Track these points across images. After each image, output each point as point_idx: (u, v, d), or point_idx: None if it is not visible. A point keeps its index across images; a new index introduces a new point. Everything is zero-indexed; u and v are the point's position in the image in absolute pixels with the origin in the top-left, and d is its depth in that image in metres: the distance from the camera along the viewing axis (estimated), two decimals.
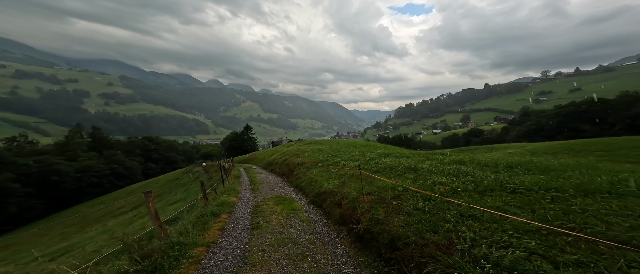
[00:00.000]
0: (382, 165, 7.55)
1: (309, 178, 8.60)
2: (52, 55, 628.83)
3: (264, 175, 14.58)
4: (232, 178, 12.83)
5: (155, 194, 25.06)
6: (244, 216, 6.12)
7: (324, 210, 5.99)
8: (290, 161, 13.61)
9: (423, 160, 7.59)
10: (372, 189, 5.17)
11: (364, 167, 7.55)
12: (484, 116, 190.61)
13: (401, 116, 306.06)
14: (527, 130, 41.64)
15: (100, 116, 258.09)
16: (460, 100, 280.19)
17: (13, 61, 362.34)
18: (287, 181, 10.96)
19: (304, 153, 15.29)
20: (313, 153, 14.01)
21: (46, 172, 32.18)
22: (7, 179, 26.20)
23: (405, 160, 7.92)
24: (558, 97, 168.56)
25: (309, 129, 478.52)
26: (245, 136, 57.79)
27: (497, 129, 68.92)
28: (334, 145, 17.70)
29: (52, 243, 15.03)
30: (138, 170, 51.51)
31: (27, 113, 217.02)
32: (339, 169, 8.37)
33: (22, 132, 43.96)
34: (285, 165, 13.89)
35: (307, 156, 13.50)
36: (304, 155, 14.37)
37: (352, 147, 15.12)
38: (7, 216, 25.29)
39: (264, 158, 23.44)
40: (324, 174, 8.37)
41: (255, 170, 18.29)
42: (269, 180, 12.14)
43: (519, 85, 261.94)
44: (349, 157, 10.58)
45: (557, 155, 13.82)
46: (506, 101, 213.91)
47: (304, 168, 10.59)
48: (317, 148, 16.14)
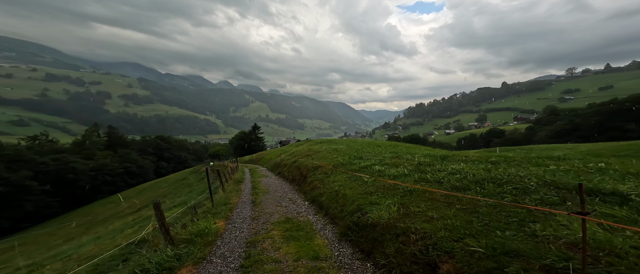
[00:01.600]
0: (456, 175, 5.02)
1: (331, 190, 6.40)
2: (78, 59, 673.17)
3: (270, 179, 12.65)
4: (232, 183, 11.56)
5: (162, 194, 24.96)
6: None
7: (382, 267, 3.16)
8: (301, 164, 11.63)
9: (510, 162, 5.58)
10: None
11: (426, 178, 5.32)
12: (501, 116, 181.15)
13: (411, 116, 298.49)
14: (560, 130, 38.18)
15: (121, 116, 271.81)
16: (475, 100, 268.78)
17: (44, 65, 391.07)
18: (298, 191, 8.78)
19: (316, 153, 13.27)
20: (328, 154, 11.94)
21: (63, 170, 33.33)
22: (25, 177, 27.22)
23: (481, 165, 5.53)
24: (585, 95, 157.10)
25: (316, 129, 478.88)
26: (253, 135, 57.74)
27: (520, 129, 64.76)
28: (352, 145, 15.30)
29: (52, 246, 14.89)
30: (150, 169, 52.71)
31: (56, 113, 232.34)
32: (375, 179, 6.02)
33: (43, 131, 46.16)
34: (296, 168, 11.81)
35: (321, 157, 11.46)
36: (317, 156, 12.37)
37: (375, 147, 12.78)
38: (24, 214, 26.22)
39: (271, 159, 22.03)
40: (354, 185, 6.06)
41: (261, 172, 16.57)
42: (275, 187, 10.06)
43: (540, 83, 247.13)
44: (380, 160, 8.21)
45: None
46: (526, 100, 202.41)
47: (321, 174, 8.39)
48: (333, 148, 13.94)
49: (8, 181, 25.10)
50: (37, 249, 15.72)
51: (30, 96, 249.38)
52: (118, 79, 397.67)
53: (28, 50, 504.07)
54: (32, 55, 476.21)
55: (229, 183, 11.38)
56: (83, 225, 20.35)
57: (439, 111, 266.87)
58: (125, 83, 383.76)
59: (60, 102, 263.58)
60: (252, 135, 57.77)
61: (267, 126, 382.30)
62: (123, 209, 23.41)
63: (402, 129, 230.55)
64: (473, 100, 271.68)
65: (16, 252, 14.83)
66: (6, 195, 24.63)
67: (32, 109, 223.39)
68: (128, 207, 22.62)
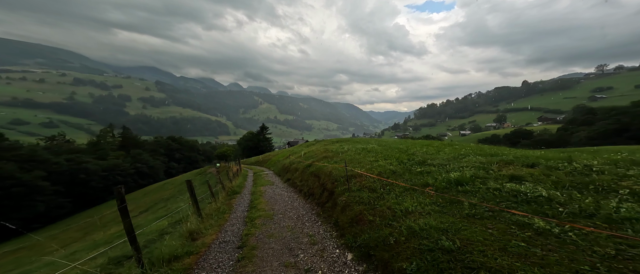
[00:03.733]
0: None
1: (409, 230, 3.12)
2: (102, 64, 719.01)
3: (277, 190, 9.53)
4: (224, 196, 9.12)
5: (165, 197, 24.22)
6: None
7: None
8: (320, 170, 8.07)
9: None
10: None
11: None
12: (523, 116, 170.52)
13: (423, 116, 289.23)
14: (604, 130, 34.07)
15: (139, 118, 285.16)
16: (493, 99, 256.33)
17: (72, 70, 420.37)
18: (323, 219, 5.25)
19: (337, 155, 10.18)
20: (358, 156, 8.66)
21: (75, 170, 33.82)
22: (38, 177, 27.58)
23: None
24: (620, 93, 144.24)
25: (324, 130, 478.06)
26: (261, 136, 56.99)
27: (550, 130, 59.80)
28: (386, 144, 11.80)
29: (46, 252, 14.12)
30: (161, 170, 53.24)
31: (82, 116, 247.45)
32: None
33: (61, 132, 47.83)
34: (312, 176, 8.35)
35: (350, 161, 8.02)
36: (339, 158, 9.30)
37: (424, 146, 9.26)
38: (36, 215, 26.42)
39: (278, 161, 19.97)
40: (476, 229, 2.81)
41: (266, 177, 13.96)
42: (283, 206, 6.78)
43: (567, 81, 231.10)
44: (462, 166, 5.16)
45: None
46: (550, 99, 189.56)
47: (363, 191, 4.96)
48: (360, 148, 10.66)
49: (20, 181, 25.42)
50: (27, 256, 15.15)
51: (59, 99, 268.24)
52: (137, 83, 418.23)
53: (58, 57, 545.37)
54: (62, 61, 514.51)
55: (222, 196, 9.09)
56: (84, 229, 19.82)
57: (452, 111, 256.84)
58: (144, 87, 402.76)
59: (86, 104, 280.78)
60: (260, 136, 57.03)
61: (276, 127, 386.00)
62: (130, 210, 22.90)
63: (413, 130, 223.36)
64: (490, 99, 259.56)
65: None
66: (18, 195, 24.89)
67: (61, 112, 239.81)
68: (132, 209, 22.01)
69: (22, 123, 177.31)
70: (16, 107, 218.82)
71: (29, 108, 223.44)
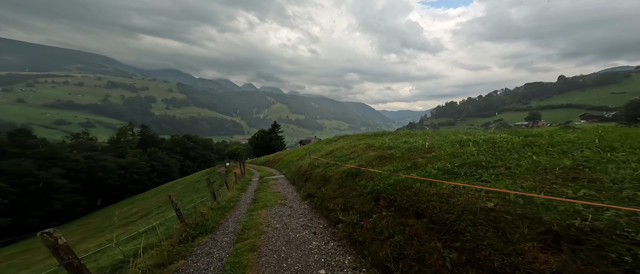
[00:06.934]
0: None
1: None
2: (131, 68, 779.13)
3: (291, 223, 5.15)
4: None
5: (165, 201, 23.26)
6: None
7: None
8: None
9: None
10: None
11: None
12: (560, 113, 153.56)
13: (440, 115, 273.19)
14: None
15: (162, 119, 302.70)
16: (523, 96, 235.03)
17: (106, 74, 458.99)
18: None
19: (416, 153, 5.58)
20: (430, 153, 5.16)
21: (93, 168, 34.58)
22: (56, 174, 28.19)
23: None
24: None
25: (335, 130, 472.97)
26: (272, 134, 55.68)
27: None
28: (437, 137, 7.48)
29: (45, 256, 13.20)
30: (176, 168, 54.00)
31: (114, 116, 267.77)
32: None
33: (84, 130, 50.18)
34: (367, 198, 4.28)
35: (416, 162, 4.86)
36: (390, 162, 5.46)
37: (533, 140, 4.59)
38: (53, 213, 26.88)
39: (291, 161, 16.57)
40: None
41: (275, 187, 10.27)
42: None
43: (613, 75, 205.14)
44: None
45: None
46: (593, 95, 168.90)
47: None
48: (452, 141, 6.18)
49: (38, 178, 26.00)
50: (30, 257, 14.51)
51: (95, 101, 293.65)
52: (161, 85, 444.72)
53: (95, 62, 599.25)
54: (98, 65, 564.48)
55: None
56: (89, 231, 19.24)
57: (474, 110, 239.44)
58: (167, 88, 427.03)
59: (117, 106, 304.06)
60: (272, 134, 55.75)
61: (288, 127, 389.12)
62: (133, 213, 22.23)
63: (430, 130, 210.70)
64: (520, 96, 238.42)
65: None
66: (36, 192, 25.45)
67: (97, 113, 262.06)
68: (135, 213, 21.27)
69: (64, 123, 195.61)
70: (60, 109, 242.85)
71: (70, 110, 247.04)
